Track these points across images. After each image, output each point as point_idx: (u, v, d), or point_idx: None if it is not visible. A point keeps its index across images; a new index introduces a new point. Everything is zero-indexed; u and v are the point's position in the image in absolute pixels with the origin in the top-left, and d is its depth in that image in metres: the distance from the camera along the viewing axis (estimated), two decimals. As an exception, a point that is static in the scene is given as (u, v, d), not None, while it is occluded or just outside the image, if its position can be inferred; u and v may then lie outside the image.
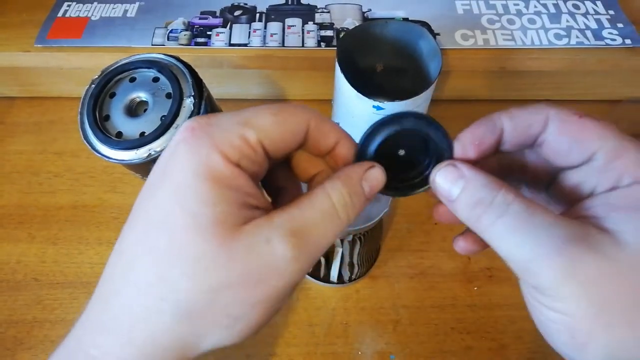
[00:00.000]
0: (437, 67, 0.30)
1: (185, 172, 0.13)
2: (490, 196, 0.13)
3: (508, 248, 0.13)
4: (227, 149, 0.13)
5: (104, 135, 0.25)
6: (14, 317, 0.31)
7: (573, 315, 0.12)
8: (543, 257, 0.12)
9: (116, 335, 0.13)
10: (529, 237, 0.13)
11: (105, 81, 0.27)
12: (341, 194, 0.14)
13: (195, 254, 0.12)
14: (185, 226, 0.12)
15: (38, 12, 0.39)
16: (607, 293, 0.12)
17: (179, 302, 0.12)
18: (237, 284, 0.12)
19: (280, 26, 0.38)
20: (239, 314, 0.13)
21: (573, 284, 0.12)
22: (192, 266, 0.12)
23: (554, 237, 0.12)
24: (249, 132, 0.13)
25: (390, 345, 0.30)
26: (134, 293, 0.13)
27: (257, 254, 0.12)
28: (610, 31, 0.38)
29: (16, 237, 0.35)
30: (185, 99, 0.26)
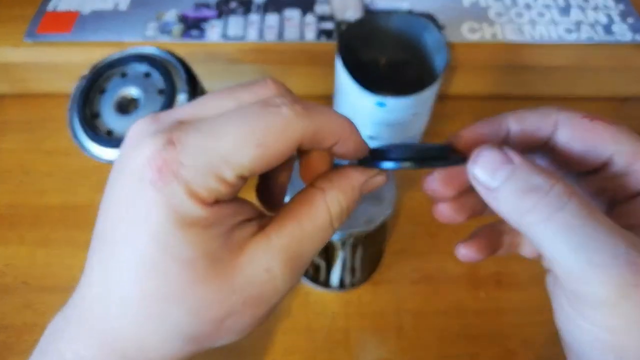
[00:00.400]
0: (442, 61, 0.29)
1: (162, 220, 0.11)
2: (548, 185, 0.12)
3: (559, 249, 0.12)
4: (202, 193, 0.11)
5: (94, 134, 0.24)
6: (3, 321, 0.31)
7: (626, 335, 0.11)
8: (601, 267, 0.11)
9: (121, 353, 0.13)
10: (587, 241, 0.11)
11: (95, 77, 0.26)
12: (340, 206, 0.13)
13: (195, 296, 0.12)
14: (182, 273, 0.12)
15: (27, 6, 0.38)
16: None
17: (183, 330, 0.12)
18: (241, 311, 0.13)
19: (278, 18, 0.37)
20: (241, 329, 0.13)
21: (632, 302, 0.11)
22: (195, 305, 0.12)
23: (615, 245, 0.11)
24: (227, 172, 0.12)
25: (393, 352, 0.29)
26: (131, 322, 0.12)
27: (258, 284, 0.12)
28: (620, 26, 0.36)
29: (5, 239, 0.34)
30: (178, 95, 0.25)
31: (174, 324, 0.12)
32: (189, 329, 0.12)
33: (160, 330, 0.12)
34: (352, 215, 0.23)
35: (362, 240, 0.26)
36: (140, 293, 0.12)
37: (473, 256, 0.16)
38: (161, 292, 0.12)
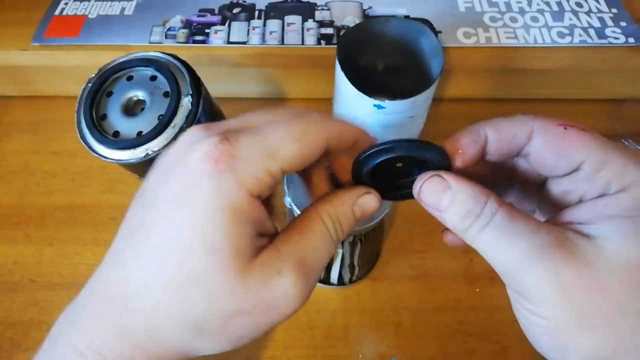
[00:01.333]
0: (438, 65, 0.29)
1: (207, 208, 0.13)
2: (479, 207, 0.14)
3: (493, 255, 0.14)
4: (251, 185, 0.13)
5: (101, 135, 0.25)
6: (10, 318, 0.31)
7: (554, 318, 0.13)
8: (525, 262, 0.13)
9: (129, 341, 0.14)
10: (512, 244, 0.13)
11: (102, 80, 0.27)
12: (332, 220, 0.15)
13: (215, 283, 0.13)
14: (208, 259, 0.13)
15: (35, 10, 0.38)
16: (586, 297, 0.13)
17: (195, 321, 0.13)
18: (251, 312, 0.13)
19: (279, 24, 0.38)
20: (247, 335, 0.14)
21: (553, 288, 0.13)
22: (211, 293, 0.13)
23: (535, 243, 0.13)
24: (273, 165, 0.13)
25: (392, 347, 0.29)
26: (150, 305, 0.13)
27: (270, 286, 0.13)
28: (613, 30, 0.37)
29: (13, 238, 0.35)
30: (182, 98, 0.26)
31: (189, 309, 0.13)
32: (201, 318, 0.13)
33: (175, 315, 0.13)
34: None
35: (361, 238, 0.27)
36: (165, 276, 0.13)
37: (458, 241, 0.17)
38: (185, 274, 0.13)
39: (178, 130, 0.25)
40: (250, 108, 0.47)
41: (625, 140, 0.39)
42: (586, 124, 0.46)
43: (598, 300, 0.12)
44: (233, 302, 0.13)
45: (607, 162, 0.13)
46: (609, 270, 0.12)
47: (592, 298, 0.12)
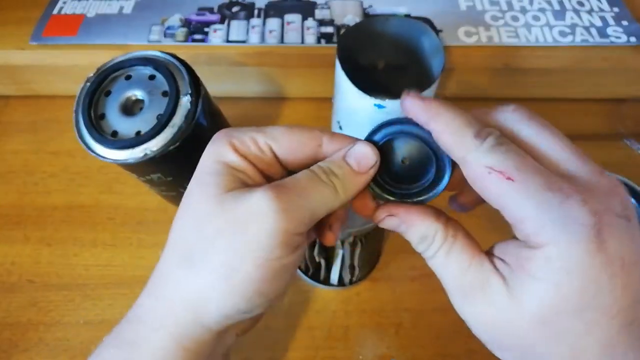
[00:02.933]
0: (439, 64, 0.29)
1: (204, 159, 0.16)
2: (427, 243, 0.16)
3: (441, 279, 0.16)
4: (237, 143, 0.16)
5: (99, 135, 0.25)
6: (8, 319, 0.31)
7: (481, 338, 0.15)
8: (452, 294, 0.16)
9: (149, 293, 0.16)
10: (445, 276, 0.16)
11: (101, 79, 0.26)
12: (320, 166, 0.16)
13: (199, 210, 0.15)
14: (198, 191, 0.16)
15: (33, 9, 0.38)
16: (497, 333, 0.15)
17: (183, 250, 0.15)
18: (227, 230, 0.14)
19: (279, 22, 0.37)
20: (233, 263, 0.14)
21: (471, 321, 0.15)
22: (196, 219, 0.15)
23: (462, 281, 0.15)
24: (259, 135, 0.16)
25: (392, 349, 0.29)
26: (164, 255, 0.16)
27: (241, 201, 0.15)
28: (615, 29, 0.37)
29: (11, 238, 0.34)
30: (181, 97, 0.25)
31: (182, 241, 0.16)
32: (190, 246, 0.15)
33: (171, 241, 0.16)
34: (351, 215, 0.24)
35: (361, 239, 0.27)
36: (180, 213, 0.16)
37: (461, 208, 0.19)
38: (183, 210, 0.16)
39: (177, 130, 0.25)
40: (250, 107, 0.47)
41: (626, 139, 0.39)
42: (587, 124, 0.46)
43: (509, 338, 0.14)
44: (210, 223, 0.15)
45: (524, 219, 0.13)
46: (517, 318, 0.14)
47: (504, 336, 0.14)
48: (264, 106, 0.41)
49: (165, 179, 0.28)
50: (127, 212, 0.35)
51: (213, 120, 0.29)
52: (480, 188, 0.14)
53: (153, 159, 0.25)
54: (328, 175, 0.16)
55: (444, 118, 0.15)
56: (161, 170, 0.27)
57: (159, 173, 0.27)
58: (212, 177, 0.15)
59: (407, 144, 0.16)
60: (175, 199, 0.34)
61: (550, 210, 0.13)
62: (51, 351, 0.30)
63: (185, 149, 0.26)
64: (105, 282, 0.32)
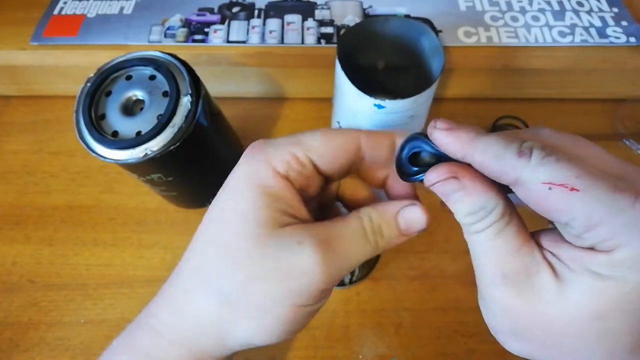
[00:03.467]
0: (439, 64, 0.29)
1: (239, 180, 0.15)
2: (481, 214, 0.14)
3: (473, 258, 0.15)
4: (277, 163, 0.15)
5: (100, 135, 0.25)
6: (9, 319, 0.31)
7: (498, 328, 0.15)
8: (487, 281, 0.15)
9: (171, 309, 0.16)
10: (487, 261, 0.15)
11: (101, 79, 0.26)
12: (371, 220, 0.16)
13: (237, 247, 0.15)
14: (234, 223, 0.15)
15: (34, 9, 0.38)
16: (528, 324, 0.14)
17: (219, 286, 0.15)
18: (267, 277, 0.14)
19: (279, 23, 0.37)
20: (267, 306, 0.15)
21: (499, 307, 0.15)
22: (233, 257, 0.15)
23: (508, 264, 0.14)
24: (298, 149, 0.15)
25: (392, 348, 0.29)
26: (188, 275, 0.16)
27: (287, 253, 0.14)
28: (614, 29, 0.37)
29: (12, 238, 0.34)
30: (182, 98, 0.25)
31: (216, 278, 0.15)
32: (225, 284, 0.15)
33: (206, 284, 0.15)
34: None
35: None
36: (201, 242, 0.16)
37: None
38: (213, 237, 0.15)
39: (177, 130, 0.25)
40: (250, 107, 0.47)
41: (626, 140, 0.39)
42: (587, 124, 0.46)
43: (543, 332, 0.14)
44: (251, 266, 0.14)
45: (597, 226, 0.13)
46: (562, 313, 0.13)
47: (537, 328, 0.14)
48: (264, 106, 0.41)
49: (166, 179, 0.28)
50: (128, 212, 0.35)
51: (214, 121, 0.29)
52: (543, 207, 0.13)
53: (153, 159, 0.25)
54: (375, 234, 0.16)
55: (480, 147, 0.14)
56: (162, 171, 0.27)
57: (160, 173, 0.28)
58: (251, 212, 0.15)
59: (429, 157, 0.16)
60: (175, 198, 0.34)
61: (622, 214, 0.12)
62: (52, 351, 0.30)
63: (186, 148, 0.26)
64: (106, 282, 0.32)
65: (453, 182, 0.14)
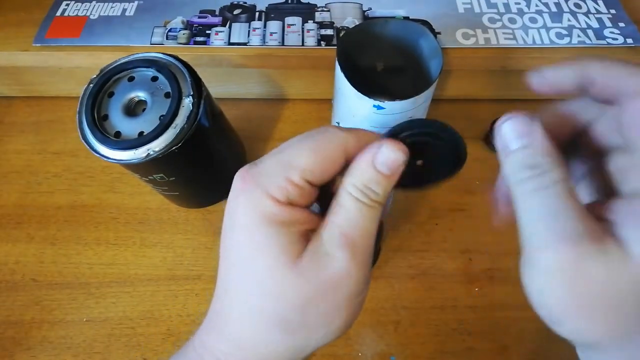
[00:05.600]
0: (437, 66, 0.30)
1: (248, 217, 0.15)
2: (546, 167, 0.14)
3: (530, 220, 0.14)
4: (275, 192, 0.15)
5: (102, 135, 0.25)
6: (12, 317, 0.31)
7: (554, 298, 0.14)
8: (553, 239, 0.13)
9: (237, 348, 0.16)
10: (551, 221, 0.13)
11: (104, 80, 0.27)
12: (358, 188, 0.15)
13: (275, 281, 0.15)
14: (262, 261, 0.15)
15: (36, 11, 0.38)
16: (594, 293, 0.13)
17: (278, 318, 0.15)
18: (316, 297, 0.15)
19: (279, 25, 0.38)
20: (329, 318, 0.15)
21: (566, 273, 0.13)
22: (277, 291, 0.15)
23: (573, 226, 0.13)
24: (292, 173, 0.15)
25: (391, 346, 0.30)
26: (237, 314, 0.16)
27: (323, 268, 0.15)
28: (611, 30, 0.37)
29: (15, 238, 0.35)
30: (184, 99, 0.26)
31: (258, 310, 0.15)
32: (273, 313, 0.15)
33: (251, 319, 0.15)
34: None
35: None
36: (242, 285, 0.16)
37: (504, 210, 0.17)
38: (253, 278, 0.15)
39: (179, 130, 0.25)
40: (251, 108, 0.47)
41: (623, 140, 0.39)
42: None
43: (605, 301, 0.13)
44: (299, 292, 0.15)
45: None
46: (627, 280, 0.13)
47: (600, 296, 0.13)
48: (264, 107, 0.41)
49: (168, 179, 0.29)
50: (130, 212, 0.36)
51: (215, 121, 0.29)
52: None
53: (155, 160, 0.25)
54: (372, 199, 0.16)
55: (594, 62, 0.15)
56: (164, 171, 0.28)
57: (162, 173, 0.28)
58: (274, 246, 0.15)
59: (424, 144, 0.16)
60: (177, 198, 0.34)
61: None
62: (54, 349, 0.30)
63: (187, 149, 0.26)
64: (108, 281, 0.33)
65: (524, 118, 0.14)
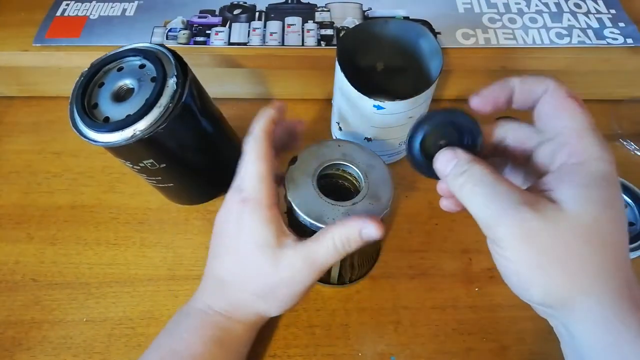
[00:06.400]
0: (437, 66, 0.30)
1: (253, 222, 0.23)
2: (472, 167, 0.18)
3: (476, 208, 0.17)
4: (269, 200, 0.23)
5: (91, 120, 0.25)
6: (12, 317, 0.31)
7: (519, 261, 0.16)
8: (499, 216, 0.16)
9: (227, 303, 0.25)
10: (492, 201, 0.17)
11: (94, 72, 0.27)
12: (341, 240, 0.22)
13: (264, 267, 0.23)
14: (258, 253, 0.23)
15: (37, 11, 0.39)
16: (546, 247, 0.16)
17: (258, 291, 0.24)
18: (284, 285, 0.23)
19: (279, 25, 0.38)
20: (286, 300, 0.24)
21: (519, 238, 0.16)
22: (264, 274, 0.23)
23: (510, 201, 0.16)
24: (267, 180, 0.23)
25: (391, 346, 0.30)
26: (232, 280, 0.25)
27: (291, 270, 0.23)
28: (611, 30, 0.37)
29: (15, 238, 0.35)
30: (168, 79, 0.26)
31: (253, 285, 0.24)
32: (260, 287, 0.24)
33: (248, 288, 0.24)
34: (352, 214, 0.24)
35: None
36: (239, 269, 0.24)
37: (452, 207, 0.21)
38: (251, 266, 0.23)
39: (164, 109, 0.25)
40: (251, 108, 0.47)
41: (623, 140, 0.39)
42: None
43: (556, 251, 0.16)
44: (273, 279, 0.23)
45: (580, 136, 0.17)
46: (567, 227, 0.15)
47: (550, 248, 0.16)
48: (264, 107, 0.41)
49: (159, 166, 0.28)
50: (130, 212, 0.36)
51: (203, 105, 0.29)
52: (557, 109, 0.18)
53: (142, 141, 0.25)
54: (344, 247, 0.22)
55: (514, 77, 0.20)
56: (152, 156, 0.27)
57: (151, 159, 0.28)
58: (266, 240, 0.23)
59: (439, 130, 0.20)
60: (173, 192, 0.34)
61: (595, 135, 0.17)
62: (54, 349, 0.30)
63: (174, 130, 0.26)
64: (108, 281, 0.33)
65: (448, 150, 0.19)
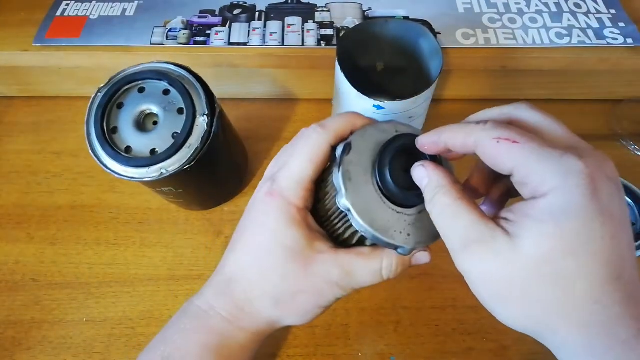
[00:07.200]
0: (437, 66, 0.30)
1: (278, 221, 0.20)
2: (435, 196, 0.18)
3: (442, 236, 0.18)
4: (296, 201, 0.20)
5: (113, 150, 0.24)
6: (12, 317, 0.31)
7: (481, 295, 0.17)
8: (459, 251, 0.17)
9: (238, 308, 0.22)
10: (450, 237, 0.17)
11: (114, 91, 0.25)
12: (391, 266, 0.21)
13: (286, 268, 0.20)
14: (282, 254, 0.20)
15: (36, 11, 0.39)
16: (501, 287, 0.16)
17: (274, 295, 0.21)
18: (309, 293, 0.21)
19: (280, 25, 0.38)
20: (307, 310, 0.21)
21: (476, 275, 0.17)
22: (284, 278, 0.21)
23: (467, 239, 0.16)
24: (305, 183, 0.20)
25: (391, 346, 0.30)
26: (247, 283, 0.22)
27: (323, 278, 0.20)
28: (611, 30, 0.37)
29: (15, 238, 0.35)
30: (198, 117, 0.25)
31: (270, 288, 0.21)
32: (278, 293, 0.21)
33: (262, 291, 0.21)
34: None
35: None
36: (256, 268, 0.21)
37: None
38: (268, 266, 0.21)
39: (193, 150, 0.24)
40: (251, 108, 0.47)
41: (623, 140, 0.39)
42: (584, 124, 0.46)
43: (512, 290, 0.16)
44: (297, 284, 0.21)
45: (530, 173, 0.15)
46: (521, 266, 0.15)
47: (506, 288, 0.16)
48: (265, 107, 0.41)
49: (176, 191, 0.28)
50: (130, 212, 0.36)
51: (225, 137, 0.29)
52: (493, 157, 0.16)
53: (169, 178, 0.25)
54: (389, 272, 0.21)
55: (448, 129, 0.18)
56: (173, 185, 0.27)
57: (171, 187, 0.28)
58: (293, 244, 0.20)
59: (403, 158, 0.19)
60: (180, 203, 0.34)
61: (552, 163, 0.15)
62: (54, 349, 0.30)
63: (199, 166, 0.25)
64: (108, 281, 0.33)
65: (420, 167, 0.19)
